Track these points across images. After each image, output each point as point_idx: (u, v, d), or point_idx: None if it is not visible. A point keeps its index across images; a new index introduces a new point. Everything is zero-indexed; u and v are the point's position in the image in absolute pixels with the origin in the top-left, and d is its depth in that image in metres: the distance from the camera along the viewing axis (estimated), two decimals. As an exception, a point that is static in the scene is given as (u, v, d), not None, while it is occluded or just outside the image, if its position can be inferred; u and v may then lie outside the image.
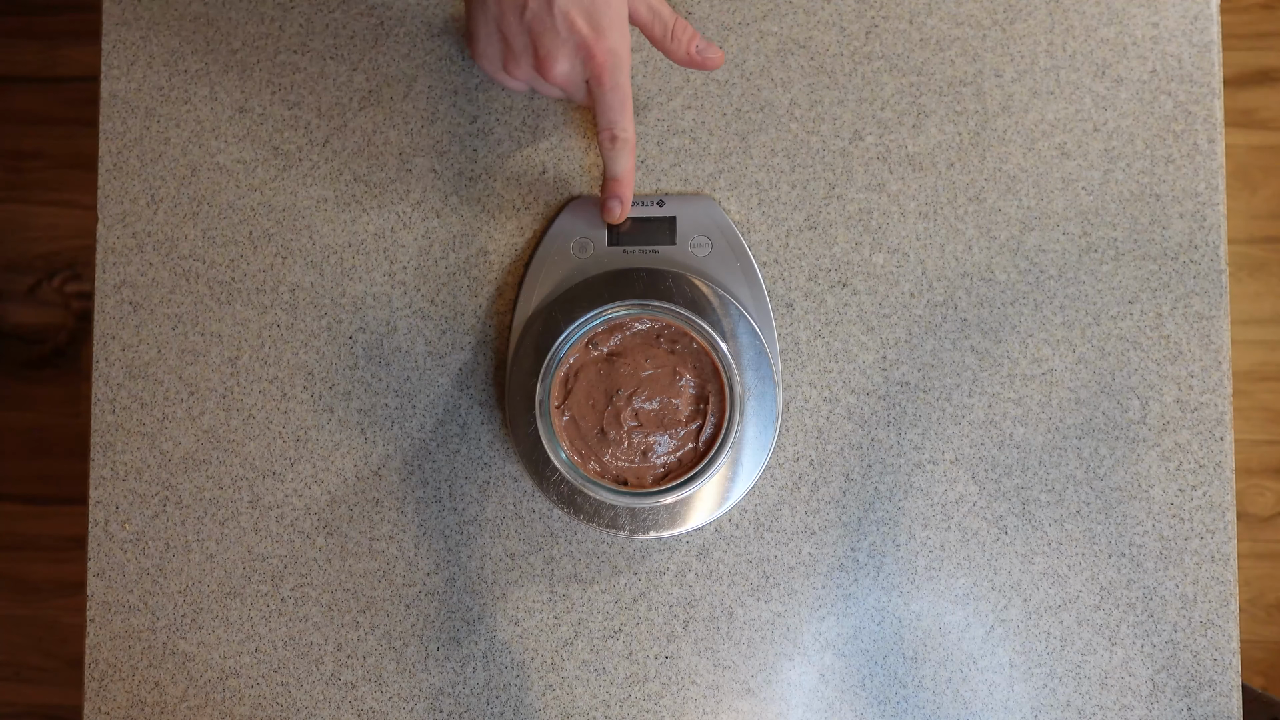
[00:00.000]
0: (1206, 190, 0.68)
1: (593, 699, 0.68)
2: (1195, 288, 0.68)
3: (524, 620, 0.69)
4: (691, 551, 0.68)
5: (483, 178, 0.70)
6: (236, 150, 0.70)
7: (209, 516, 0.70)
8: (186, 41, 0.71)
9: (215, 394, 0.70)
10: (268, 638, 0.69)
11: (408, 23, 0.70)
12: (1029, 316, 0.68)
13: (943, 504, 0.68)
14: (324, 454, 0.69)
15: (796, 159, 0.69)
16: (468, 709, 0.68)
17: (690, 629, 0.68)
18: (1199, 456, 0.67)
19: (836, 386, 0.68)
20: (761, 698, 0.68)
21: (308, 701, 0.69)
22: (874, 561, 0.68)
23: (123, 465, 0.70)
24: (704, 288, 0.66)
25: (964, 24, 0.69)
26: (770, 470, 0.68)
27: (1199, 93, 0.68)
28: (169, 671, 0.70)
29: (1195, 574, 0.67)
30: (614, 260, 0.68)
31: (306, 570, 0.69)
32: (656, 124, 0.70)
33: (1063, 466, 0.68)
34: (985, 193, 0.69)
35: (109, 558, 0.70)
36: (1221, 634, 0.67)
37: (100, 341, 0.70)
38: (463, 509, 0.69)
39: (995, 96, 0.69)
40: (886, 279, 0.69)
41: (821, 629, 0.68)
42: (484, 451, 0.69)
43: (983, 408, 0.68)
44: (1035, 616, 0.67)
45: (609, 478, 0.64)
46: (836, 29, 0.69)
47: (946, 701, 0.67)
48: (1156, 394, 0.68)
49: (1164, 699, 0.67)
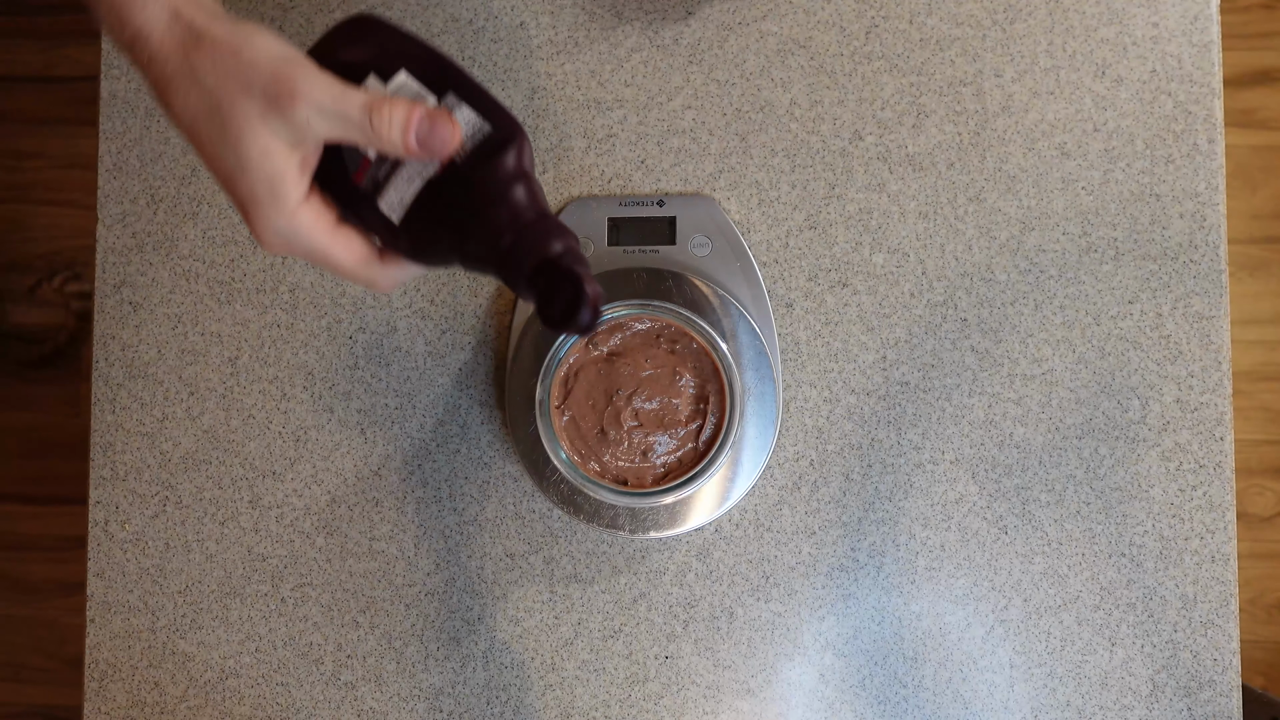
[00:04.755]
0: (1206, 190, 0.68)
1: (593, 699, 0.68)
2: (1195, 288, 0.68)
3: (524, 620, 0.69)
4: (691, 551, 0.68)
5: (483, 178, 0.70)
6: (236, 150, 0.70)
7: (209, 516, 0.70)
8: (186, 41, 0.71)
9: (215, 394, 0.70)
10: (268, 638, 0.69)
11: (408, 23, 0.70)
12: (1029, 316, 0.68)
13: (943, 504, 0.68)
14: (324, 454, 0.69)
15: (796, 159, 0.69)
16: (468, 709, 0.68)
17: (690, 629, 0.68)
18: (1199, 456, 0.67)
19: (836, 386, 0.68)
20: (761, 698, 0.68)
21: (308, 701, 0.69)
22: (874, 561, 0.68)
23: (123, 465, 0.70)
24: (704, 288, 0.66)
25: (964, 24, 0.69)
26: (770, 470, 0.68)
27: (1199, 93, 0.68)
28: (169, 671, 0.70)
29: (1195, 574, 0.67)
30: (614, 260, 0.68)
31: (306, 570, 0.69)
32: (656, 124, 0.70)
33: (1063, 466, 0.68)
34: (985, 193, 0.69)
35: (109, 558, 0.70)
36: (1221, 634, 0.67)
37: (100, 341, 0.70)
38: (463, 509, 0.69)
39: (995, 96, 0.69)
40: (886, 279, 0.69)
41: (821, 629, 0.68)
42: (484, 451, 0.69)
43: (983, 408, 0.68)
44: (1035, 616, 0.67)
45: (609, 478, 0.63)
46: (836, 29, 0.69)
47: (946, 701, 0.67)
48: (1156, 394, 0.68)
49: (1164, 699, 0.67)
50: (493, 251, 0.47)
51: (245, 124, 0.46)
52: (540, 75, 0.70)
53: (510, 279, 0.47)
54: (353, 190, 0.49)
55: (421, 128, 0.46)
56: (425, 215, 0.48)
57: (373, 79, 0.48)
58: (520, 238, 0.46)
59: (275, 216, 0.47)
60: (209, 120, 0.46)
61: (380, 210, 0.48)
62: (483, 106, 0.48)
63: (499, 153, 0.47)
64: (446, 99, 0.48)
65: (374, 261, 0.50)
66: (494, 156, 0.47)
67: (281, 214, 0.47)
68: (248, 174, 0.46)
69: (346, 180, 0.48)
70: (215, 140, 0.47)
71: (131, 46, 0.47)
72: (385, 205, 0.48)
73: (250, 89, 0.46)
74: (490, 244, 0.47)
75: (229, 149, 0.46)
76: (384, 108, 0.46)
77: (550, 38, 0.70)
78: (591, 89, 0.70)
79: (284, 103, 0.45)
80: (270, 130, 0.46)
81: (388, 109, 0.46)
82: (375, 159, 0.48)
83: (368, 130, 0.46)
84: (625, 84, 0.70)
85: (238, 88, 0.46)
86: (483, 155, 0.48)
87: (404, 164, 0.48)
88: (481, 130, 0.48)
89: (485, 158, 0.48)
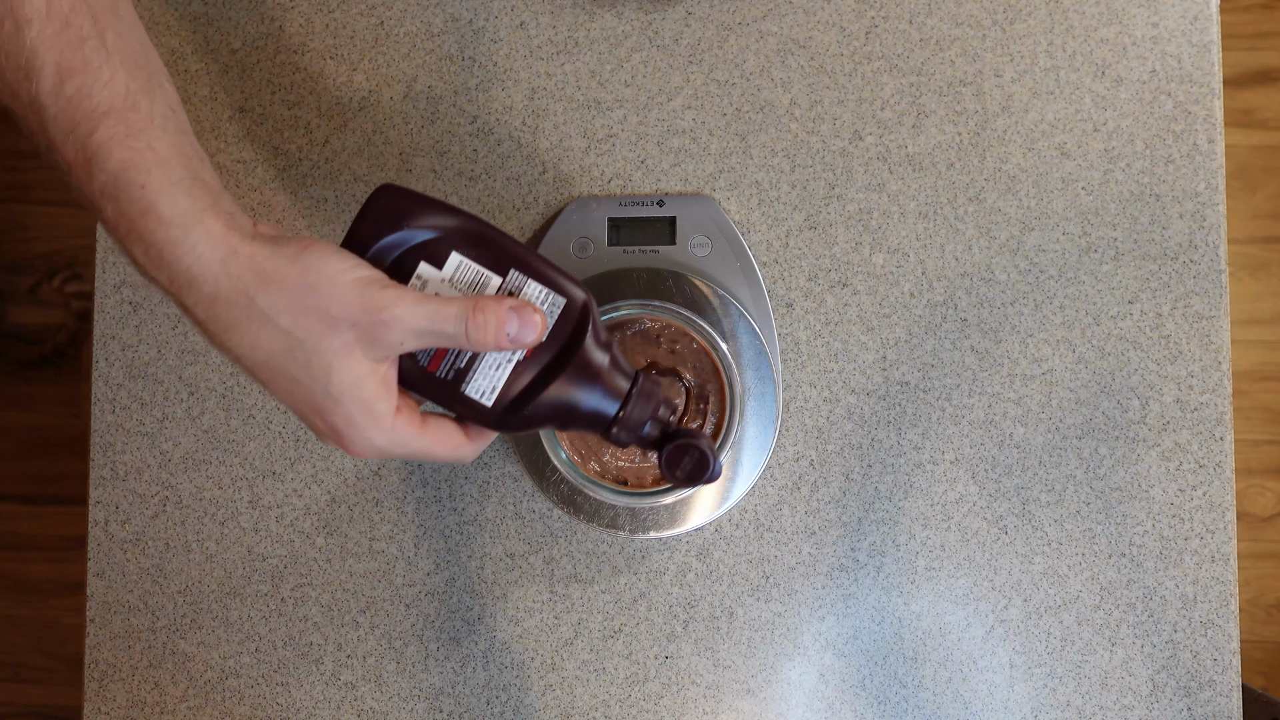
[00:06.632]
0: (1206, 190, 0.68)
1: (593, 699, 0.68)
2: (1195, 288, 0.68)
3: (524, 620, 0.69)
4: (691, 551, 0.68)
5: (483, 178, 0.70)
6: (236, 150, 0.70)
7: (209, 516, 0.70)
8: (186, 41, 0.71)
9: (215, 394, 0.70)
10: (268, 638, 0.69)
11: (408, 23, 0.70)
12: (1029, 316, 0.68)
13: (943, 504, 0.68)
14: (324, 454, 0.69)
15: (796, 159, 0.69)
16: (468, 709, 0.68)
17: (690, 629, 0.68)
18: (1199, 456, 0.67)
19: (836, 386, 0.68)
20: (761, 698, 0.68)
21: (308, 701, 0.69)
22: (874, 561, 0.68)
23: (123, 465, 0.70)
24: (704, 288, 0.66)
25: (964, 24, 0.69)
26: (770, 470, 0.68)
27: (1199, 93, 0.68)
28: (169, 671, 0.70)
29: (1195, 574, 0.67)
30: (614, 260, 0.68)
31: (306, 570, 0.69)
32: (656, 124, 0.70)
33: (1063, 466, 0.68)
34: (985, 193, 0.69)
35: (109, 558, 0.70)
36: (1221, 634, 0.67)
37: (100, 341, 0.70)
38: (463, 509, 0.69)
39: (995, 96, 0.69)
40: (886, 279, 0.69)
41: (821, 629, 0.68)
42: (484, 451, 0.69)
43: (983, 408, 0.68)
44: (1035, 616, 0.67)
45: (609, 478, 0.63)
46: (836, 29, 0.69)
47: (946, 701, 0.67)
48: (1156, 394, 0.68)
49: (1164, 699, 0.67)
50: (598, 425, 0.50)
51: (334, 358, 0.45)
52: (540, 75, 0.70)
53: (619, 445, 0.51)
54: (431, 380, 0.49)
55: (511, 326, 0.46)
56: (520, 396, 0.49)
57: (425, 267, 0.48)
58: (628, 414, 0.50)
59: (375, 435, 0.47)
60: (287, 358, 0.45)
61: (468, 396, 0.49)
62: (544, 276, 0.49)
63: (581, 329, 0.49)
64: (511, 277, 0.49)
65: (465, 441, 0.50)
66: (577, 333, 0.49)
67: (381, 432, 0.47)
68: (341, 403, 0.46)
69: (423, 373, 0.49)
70: (296, 376, 0.45)
71: (179, 289, 0.45)
72: (473, 391, 0.49)
73: (337, 325, 0.45)
74: (595, 421, 0.50)
75: (316, 383, 0.45)
76: (478, 317, 0.46)
77: (550, 38, 0.70)
78: (591, 89, 0.70)
79: (378, 333, 0.45)
80: (360, 358, 0.45)
81: (481, 317, 0.46)
82: (451, 350, 0.49)
83: (463, 340, 0.46)
84: (625, 84, 0.70)
85: (322, 326, 0.45)
86: (563, 330, 0.49)
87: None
88: (556, 305, 0.49)
89: (568, 334, 0.49)
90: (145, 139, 0.44)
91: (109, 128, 0.44)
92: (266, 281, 0.44)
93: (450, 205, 0.49)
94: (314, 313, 0.44)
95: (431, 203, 0.49)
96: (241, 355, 0.46)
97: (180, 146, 0.46)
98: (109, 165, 0.44)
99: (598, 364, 0.49)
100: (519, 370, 0.49)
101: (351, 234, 0.49)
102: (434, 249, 0.48)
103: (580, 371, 0.49)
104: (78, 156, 0.44)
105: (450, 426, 0.50)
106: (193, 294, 0.45)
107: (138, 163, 0.44)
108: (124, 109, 0.44)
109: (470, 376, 0.49)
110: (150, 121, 0.45)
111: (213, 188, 0.46)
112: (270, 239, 0.46)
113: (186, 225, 0.44)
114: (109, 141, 0.44)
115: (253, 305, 0.44)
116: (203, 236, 0.44)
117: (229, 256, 0.44)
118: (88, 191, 0.45)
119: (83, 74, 0.44)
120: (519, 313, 0.47)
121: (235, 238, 0.45)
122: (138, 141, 0.44)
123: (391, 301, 0.45)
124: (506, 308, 0.46)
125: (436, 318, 0.46)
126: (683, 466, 0.51)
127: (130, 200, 0.44)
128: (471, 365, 0.49)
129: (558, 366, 0.49)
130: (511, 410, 0.49)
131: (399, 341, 0.45)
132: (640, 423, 0.50)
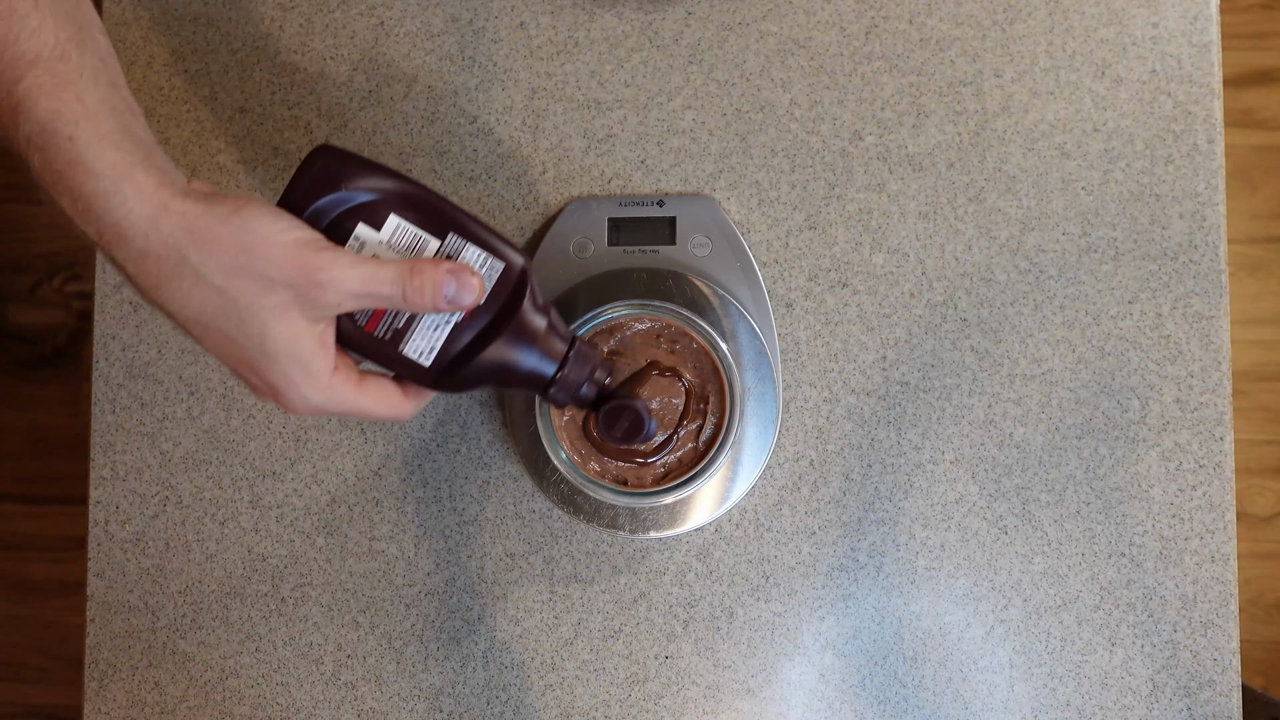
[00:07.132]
0: (1206, 190, 0.68)
1: (593, 699, 0.68)
2: (1195, 288, 0.68)
3: (524, 620, 0.69)
4: (691, 551, 0.68)
5: (483, 178, 0.70)
6: (236, 150, 0.70)
7: (209, 516, 0.70)
8: (186, 41, 0.71)
9: (215, 394, 0.70)
10: (268, 638, 0.69)
11: (408, 23, 0.70)
12: (1029, 316, 0.68)
13: (943, 504, 0.68)
14: (324, 454, 0.69)
15: (796, 159, 0.69)
16: (468, 709, 0.68)
17: (690, 629, 0.68)
18: (1199, 456, 0.67)
19: (836, 386, 0.68)
20: (761, 698, 0.68)
21: (308, 701, 0.69)
22: (874, 561, 0.68)
23: (123, 465, 0.70)
24: (704, 288, 0.66)
25: (964, 24, 0.69)
26: (770, 470, 0.68)
27: (1199, 93, 0.68)
28: (169, 671, 0.70)
29: (1195, 574, 0.67)
30: (614, 260, 0.68)
31: (306, 570, 0.69)
32: (656, 124, 0.70)
33: (1063, 466, 0.68)
34: (985, 193, 0.69)
35: (109, 558, 0.70)
36: (1221, 634, 0.67)
37: (100, 341, 0.70)
38: (463, 509, 0.69)
39: (995, 96, 0.69)
40: (886, 279, 0.69)
41: (821, 629, 0.68)
42: (484, 451, 0.69)
43: (983, 408, 0.68)
44: (1035, 616, 0.67)
45: (609, 478, 0.63)
46: (836, 29, 0.69)
47: (946, 701, 0.67)
48: (1156, 394, 0.68)
49: (1164, 699, 0.67)
50: (536, 386, 0.51)
51: (269, 317, 0.45)
52: (540, 75, 0.70)
53: (556, 405, 0.53)
54: (369, 340, 0.49)
55: (449, 288, 0.46)
56: (457, 357, 0.50)
57: (363, 228, 0.48)
58: (565, 375, 0.51)
59: (312, 394, 0.47)
60: (220, 316, 0.45)
61: (406, 356, 0.49)
62: (483, 240, 0.49)
63: (519, 293, 0.50)
64: (450, 241, 0.49)
65: (403, 401, 0.50)
66: (515, 296, 0.50)
67: (318, 390, 0.47)
68: (277, 362, 0.46)
69: (360, 333, 0.49)
70: (230, 334, 0.45)
71: (107, 243, 0.44)
72: (411, 351, 0.49)
73: (273, 286, 0.44)
74: (533, 381, 0.51)
75: (251, 341, 0.45)
76: (416, 279, 0.46)
77: (550, 38, 0.70)
78: (591, 89, 0.70)
79: (314, 294, 0.45)
80: (296, 317, 0.45)
81: (419, 280, 0.46)
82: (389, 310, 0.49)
83: (400, 302, 0.46)
84: (625, 84, 0.70)
85: (257, 286, 0.44)
86: (501, 293, 0.50)
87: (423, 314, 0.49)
88: (495, 269, 0.49)
89: (506, 297, 0.50)
90: (74, 90, 0.43)
91: (36, 76, 0.43)
92: (199, 240, 0.44)
93: (389, 168, 0.49)
94: (248, 273, 0.44)
95: (370, 165, 0.49)
96: (173, 311, 0.45)
97: (111, 100, 0.45)
98: (35, 115, 0.43)
99: (535, 327, 0.50)
100: (457, 331, 0.49)
101: (288, 193, 0.48)
102: (372, 211, 0.48)
103: (518, 334, 0.50)
104: (3, 104, 0.43)
105: (389, 386, 0.50)
106: (122, 249, 0.44)
107: (65, 114, 0.43)
108: (52, 59, 0.43)
109: (408, 337, 0.49)
110: (80, 73, 0.44)
111: (145, 142, 0.45)
112: (204, 196, 0.45)
113: (116, 179, 0.43)
114: (36, 90, 0.43)
115: (184, 263, 0.44)
116: (133, 191, 0.43)
117: (159, 213, 0.44)
118: (13, 139, 0.44)
119: (8, 20, 0.43)
120: (456, 275, 0.47)
121: (166, 194, 0.44)
122: (66, 93, 0.43)
123: (328, 263, 0.45)
124: (444, 270, 0.46)
125: (374, 280, 0.46)
126: (619, 426, 0.53)
127: (57, 150, 0.43)
128: (409, 326, 0.49)
129: (496, 329, 0.49)
130: (449, 370, 0.50)
131: (336, 303, 0.45)
132: (577, 384, 0.51)
